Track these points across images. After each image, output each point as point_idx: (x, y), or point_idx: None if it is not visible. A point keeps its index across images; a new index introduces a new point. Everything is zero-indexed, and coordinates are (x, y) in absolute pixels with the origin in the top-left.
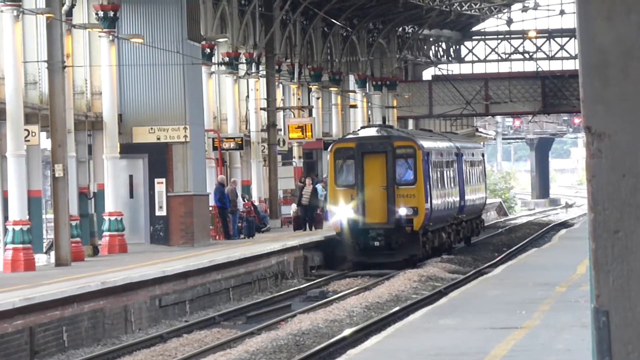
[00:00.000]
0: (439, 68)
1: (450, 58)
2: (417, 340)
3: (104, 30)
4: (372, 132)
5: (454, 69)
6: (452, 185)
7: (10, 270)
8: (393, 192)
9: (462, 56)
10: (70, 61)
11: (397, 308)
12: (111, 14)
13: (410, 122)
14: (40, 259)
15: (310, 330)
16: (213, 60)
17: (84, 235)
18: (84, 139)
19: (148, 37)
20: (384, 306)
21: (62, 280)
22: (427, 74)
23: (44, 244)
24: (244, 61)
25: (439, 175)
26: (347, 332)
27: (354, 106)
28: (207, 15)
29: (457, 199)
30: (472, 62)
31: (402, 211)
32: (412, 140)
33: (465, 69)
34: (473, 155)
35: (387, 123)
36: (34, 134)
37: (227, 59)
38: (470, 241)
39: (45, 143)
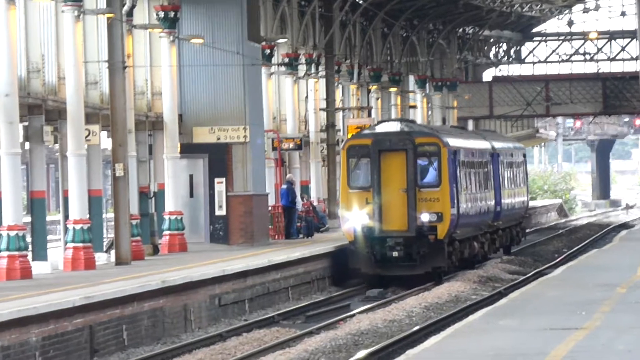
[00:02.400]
0: (499, 69)
1: (510, 59)
2: (476, 341)
3: (165, 30)
4: (391, 127)
5: (515, 70)
6: (486, 188)
7: (70, 269)
8: (414, 195)
9: (523, 57)
10: (131, 61)
11: (456, 309)
12: (172, 14)
13: (470, 123)
14: (101, 258)
15: (369, 330)
16: (273, 61)
17: (144, 234)
18: (144, 139)
19: (208, 37)
20: (443, 307)
21: (122, 279)
22: (488, 75)
23: (104, 243)
24: (304, 62)
25: (469, 177)
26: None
27: (414, 107)
28: (267, 16)
29: (492, 204)
30: (533, 63)
31: (425, 217)
32: (436, 136)
33: (525, 70)
34: (512, 155)
35: (438, 122)
36: (94, 133)
37: (286, 60)
38: (510, 251)
39: (106, 143)
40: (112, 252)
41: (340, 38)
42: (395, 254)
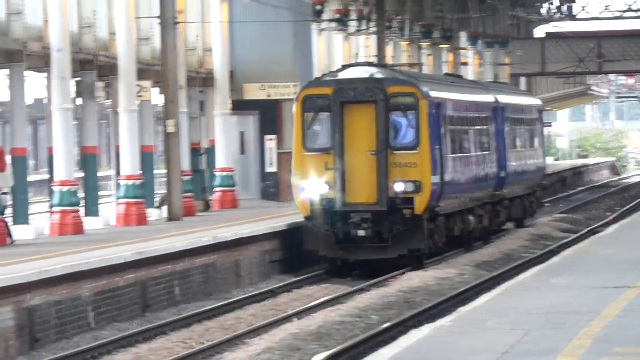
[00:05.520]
0: (552, 25)
1: (562, 15)
2: (528, 299)
3: None
4: (357, 72)
5: (567, 26)
6: (484, 149)
7: (122, 224)
8: (385, 159)
9: (575, 13)
10: (182, 17)
11: (508, 267)
12: None
13: (522, 80)
14: (152, 214)
15: (420, 288)
16: (323, 17)
17: (195, 191)
18: (195, 95)
19: None
20: (495, 264)
21: (174, 235)
22: (540, 32)
23: (156, 199)
24: (354, 18)
25: (459, 136)
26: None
27: (465, 63)
28: None
29: (494, 168)
30: (585, 19)
31: (398, 187)
32: (413, 85)
33: (577, 26)
34: (523, 111)
35: (490, 78)
36: (146, 89)
37: (337, 16)
38: (523, 224)
39: (157, 99)
40: (164, 208)
41: None
42: (361, 232)
